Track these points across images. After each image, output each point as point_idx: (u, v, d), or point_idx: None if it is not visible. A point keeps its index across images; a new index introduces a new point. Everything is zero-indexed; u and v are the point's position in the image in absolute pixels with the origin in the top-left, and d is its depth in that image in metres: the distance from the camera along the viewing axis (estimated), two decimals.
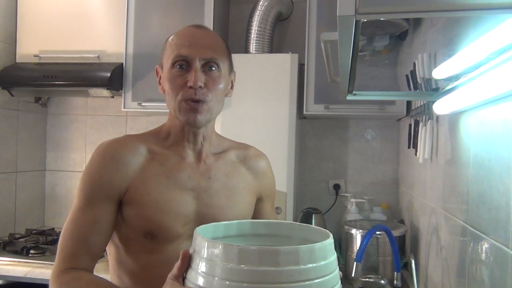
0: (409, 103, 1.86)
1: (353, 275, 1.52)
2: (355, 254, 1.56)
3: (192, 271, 0.68)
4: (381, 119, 2.20)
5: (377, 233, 1.62)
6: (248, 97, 1.91)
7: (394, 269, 1.59)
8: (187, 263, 0.70)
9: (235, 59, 1.06)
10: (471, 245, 0.97)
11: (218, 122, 1.78)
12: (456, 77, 0.95)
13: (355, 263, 1.50)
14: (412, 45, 1.58)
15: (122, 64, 2.10)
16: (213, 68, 0.95)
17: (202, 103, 0.94)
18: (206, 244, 0.66)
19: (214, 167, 1.01)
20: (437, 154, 1.35)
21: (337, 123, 2.27)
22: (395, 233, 1.65)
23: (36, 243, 1.97)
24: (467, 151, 1.04)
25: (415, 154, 1.57)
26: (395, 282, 1.57)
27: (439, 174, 1.31)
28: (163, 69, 0.99)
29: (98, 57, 2.14)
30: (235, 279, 0.62)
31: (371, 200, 2.14)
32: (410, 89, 1.46)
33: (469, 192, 1.00)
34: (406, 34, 1.66)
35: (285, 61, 1.91)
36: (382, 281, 1.51)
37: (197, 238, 0.69)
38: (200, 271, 0.66)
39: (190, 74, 0.93)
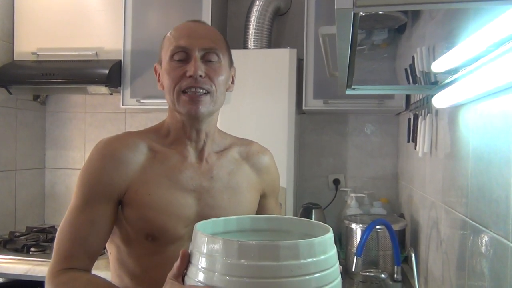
0: (408, 97, 1.86)
1: (353, 269, 1.53)
2: (355, 248, 1.56)
3: (192, 267, 0.68)
4: (380, 113, 2.20)
5: (377, 227, 1.63)
6: (247, 92, 1.90)
7: (394, 263, 1.59)
8: (186, 262, 0.70)
9: (234, 54, 1.05)
10: (471, 238, 0.98)
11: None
12: (455, 70, 0.95)
13: (355, 257, 1.50)
14: (411, 38, 1.58)
15: (120, 61, 2.09)
16: (213, 59, 0.93)
17: (204, 94, 0.91)
18: (206, 240, 0.66)
19: (217, 166, 0.99)
20: (436, 147, 1.34)
21: (336, 118, 2.27)
22: (395, 227, 1.65)
23: (36, 241, 1.97)
24: (466, 145, 1.04)
25: (415, 148, 1.57)
26: (395, 276, 1.58)
27: (438, 168, 1.31)
28: (162, 64, 0.96)
29: (96, 54, 2.13)
30: (235, 274, 0.62)
31: (371, 195, 2.14)
32: (409, 83, 1.46)
33: (469, 186, 1.00)
34: (405, 28, 1.65)
35: (283, 56, 1.90)
36: (383, 275, 1.51)
37: (197, 234, 0.69)
38: (201, 267, 0.66)
39: (190, 64, 0.90)
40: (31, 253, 1.85)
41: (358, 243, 1.56)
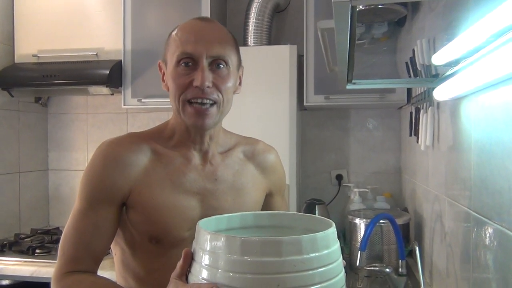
0: (409, 90, 1.85)
1: (357, 264, 1.53)
2: (359, 243, 1.56)
3: (195, 264, 0.68)
4: (382, 107, 2.19)
5: (381, 221, 1.62)
6: (247, 90, 1.90)
7: (398, 257, 1.59)
8: (189, 261, 0.70)
9: None
10: (474, 230, 0.97)
11: None
12: (456, 62, 0.94)
13: (359, 252, 1.50)
14: (411, 31, 1.57)
15: (121, 61, 2.09)
16: (221, 66, 0.90)
17: (210, 106, 0.89)
18: (209, 237, 0.66)
19: (221, 167, 0.98)
20: (438, 140, 1.34)
21: (338, 114, 2.27)
22: (399, 221, 1.65)
23: (41, 242, 1.98)
24: (468, 137, 1.03)
25: (417, 142, 1.56)
26: (400, 270, 1.58)
27: (441, 161, 1.31)
28: (167, 66, 0.93)
29: (96, 54, 2.14)
30: (239, 270, 0.62)
31: (374, 190, 2.14)
32: (410, 76, 1.45)
33: (472, 178, 1.00)
34: (405, 20, 1.65)
35: (284, 53, 1.90)
36: (387, 269, 1.51)
37: (200, 231, 0.69)
38: (204, 264, 0.66)
39: (197, 73, 0.87)
40: (36, 254, 1.86)
41: (362, 237, 1.56)
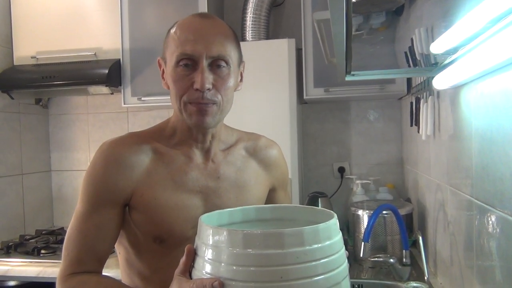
0: (409, 80, 1.85)
1: (361, 255, 1.53)
2: (363, 235, 1.56)
3: (199, 259, 0.68)
4: (382, 99, 2.19)
5: (384, 212, 1.63)
6: (247, 85, 1.88)
7: (402, 247, 1.59)
8: (192, 258, 0.70)
9: None
10: (477, 218, 0.97)
11: None
12: (454, 50, 0.94)
13: (363, 243, 1.50)
14: (409, 20, 1.56)
15: (119, 60, 2.09)
16: (222, 66, 0.88)
17: (211, 105, 0.88)
18: (211, 231, 0.67)
19: (223, 164, 0.97)
20: (439, 130, 1.34)
21: (338, 106, 2.26)
22: (402, 211, 1.65)
23: (46, 243, 1.99)
24: (469, 125, 1.03)
25: (418, 132, 1.56)
26: (404, 260, 1.58)
27: (442, 150, 1.31)
28: (166, 65, 0.92)
29: (95, 54, 2.14)
30: (242, 263, 0.62)
31: (377, 181, 2.13)
32: (409, 66, 1.45)
33: (473, 166, 1.00)
34: (403, 9, 1.63)
35: (282, 47, 1.90)
36: (391, 260, 1.51)
37: (202, 226, 0.69)
38: (207, 259, 0.66)
39: (197, 74, 0.86)
40: (41, 255, 1.87)
41: (365, 229, 1.57)
